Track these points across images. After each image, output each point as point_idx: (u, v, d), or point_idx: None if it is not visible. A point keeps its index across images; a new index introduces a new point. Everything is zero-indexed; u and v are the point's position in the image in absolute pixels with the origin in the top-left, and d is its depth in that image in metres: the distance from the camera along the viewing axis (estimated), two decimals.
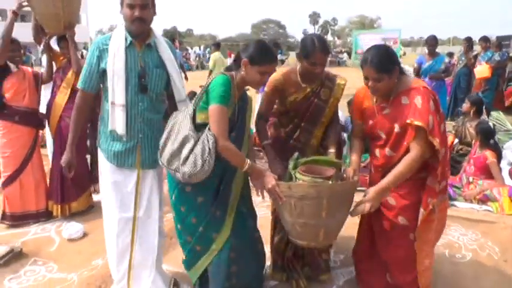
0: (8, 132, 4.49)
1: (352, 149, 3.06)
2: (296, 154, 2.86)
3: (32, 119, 4.61)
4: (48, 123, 4.79)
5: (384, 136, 2.79)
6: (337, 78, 3.08)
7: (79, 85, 2.88)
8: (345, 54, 40.35)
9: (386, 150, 2.79)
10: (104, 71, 2.78)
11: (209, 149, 2.46)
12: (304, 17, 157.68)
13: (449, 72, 9.12)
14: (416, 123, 2.54)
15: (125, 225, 2.98)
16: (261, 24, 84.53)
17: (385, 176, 2.68)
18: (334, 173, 2.70)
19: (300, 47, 2.90)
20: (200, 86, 3.11)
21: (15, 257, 3.79)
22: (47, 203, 4.72)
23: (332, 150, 3.00)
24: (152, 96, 2.86)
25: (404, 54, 42.05)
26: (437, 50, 8.36)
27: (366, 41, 35.91)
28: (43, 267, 3.72)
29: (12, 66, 4.53)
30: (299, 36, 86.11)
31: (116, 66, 2.73)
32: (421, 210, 2.70)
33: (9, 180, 4.55)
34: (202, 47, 42.98)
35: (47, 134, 4.96)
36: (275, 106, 3.14)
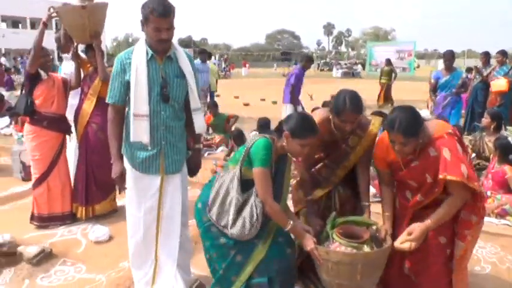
0: (37, 137, 4.68)
1: (383, 201, 3.05)
2: (333, 214, 2.97)
3: (60, 125, 4.78)
4: (75, 129, 4.94)
5: (415, 184, 2.82)
6: (370, 125, 3.11)
7: (109, 100, 3.02)
8: (359, 66, 40.34)
9: (418, 196, 2.81)
10: (128, 83, 2.93)
11: (257, 215, 2.66)
12: (318, 27, 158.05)
13: (466, 87, 9.16)
14: (450, 177, 2.56)
15: (149, 226, 3.13)
16: (275, 35, 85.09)
17: (414, 213, 2.82)
18: (369, 236, 2.80)
19: (333, 103, 2.95)
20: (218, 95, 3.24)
21: (46, 257, 3.94)
22: (72, 205, 4.87)
23: (366, 203, 3.10)
24: (174, 104, 3.02)
25: (418, 66, 42.12)
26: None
27: (381, 52, 36.13)
28: (72, 268, 3.86)
29: (42, 73, 4.70)
30: (313, 47, 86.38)
31: (138, 78, 2.88)
32: (460, 243, 2.75)
33: (38, 182, 4.73)
34: (217, 56, 43.37)
35: (68, 139, 5.10)
36: None
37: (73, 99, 5.11)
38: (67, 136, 4.95)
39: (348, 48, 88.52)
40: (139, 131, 2.93)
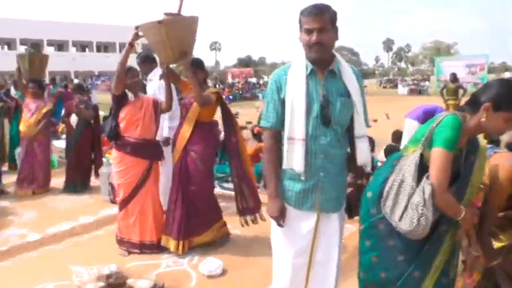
0: (121, 162, 4.42)
1: None
2: None
3: (145, 151, 4.42)
4: (172, 154, 4.55)
5: None
6: None
7: (264, 124, 2.61)
8: (427, 82, 38.65)
9: None
10: (284, 103, 2.52)
11: (424, 200, 2.13)
12: (377, 43, 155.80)
13: None
14: None
15: (299, 270, 2.63)
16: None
17: None
18: None
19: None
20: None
21: None
22: (157, 235, 4.47)
23: None
24: (336, 128, 2.51)
25: None
26: None
27: (449, 67, 34.45)
28: None
29: (130, 95, 4.40)
30: (371, 64, 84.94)
31: (295, 96, 2.46)
32: None
33: (120, 207, 4.52)
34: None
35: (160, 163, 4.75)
36: None
37: (172, 121, 4.84)
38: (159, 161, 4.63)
39: (407, 64, 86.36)
40: (292, 156, 2.47)
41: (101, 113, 8.01)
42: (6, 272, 4.22)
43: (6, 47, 49.28)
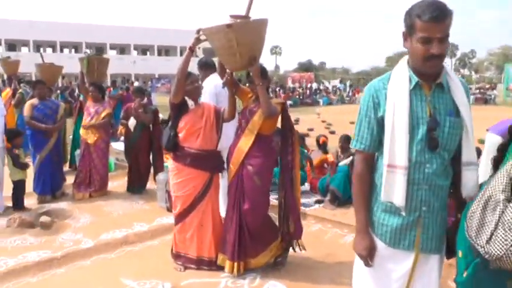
0: (179, 174, 4.10)
1: None
2: None
3: (205, 162, 4.10)
4: (227, 168, 4.21)
5: None
6: None
7: (356, 146, 2.22)
8: (494, 91, 36.45)
9: None
10: (382, 122, 2.12)
11: None
12: None
13: None
14: None
15: None
16: (396, 58, 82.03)
17: None
18: None
19: None
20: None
21: None
22: (216, 252, 4.16)
23: None
24: (443, 154, 2.08)
25: None
26: None
27: None
28: None
29: (190, 103, 4.11)
30: None
31: (397, 115, 2.05)
32: None
33: (177, 220, 4.21)
34: (338, 81, 42.46)
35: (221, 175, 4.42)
36: None
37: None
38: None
39: (471, 71, 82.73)
40: (393, 187, 2.07)
41: (161, 116, 7.87)
42: (60, 280, 4.11)
43: (73, 50, 51.42)
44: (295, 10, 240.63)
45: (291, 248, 4.21)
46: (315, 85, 39.26)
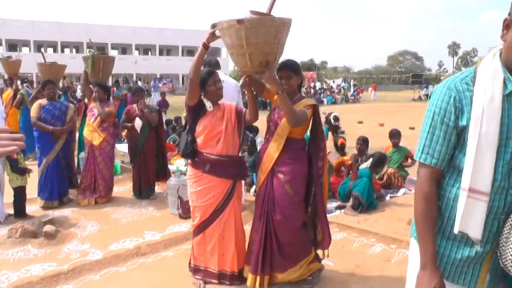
0: (198, 182, 3.70)
1: None
2: None
3: (227, 169, 3.68)
4: (256, 175, 3.84)
5: None
6: None
7: (426, 160, 1.79)
8: None
9: None
10: (462, 133, 1.72)
11: None
12: (442, 48, 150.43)
13: None
14: None
15: None
16: (397, 56, 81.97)
17: None
18: None
19: None
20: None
21: None
22: (238, 265, 3.80)
23: None
24: None
25: None
26: None
27: None
28: None
29: (208, 104, 3.69)
30: (435, 69, 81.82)
31: (485, 127, 1.63)
32: None
33: (196, 231, 3.82)
34: (341, 80, 42.04)
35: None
36: None
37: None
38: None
39: None
40: (470, 216, 1.68)
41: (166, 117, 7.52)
42: None
43: (74, 50, 51.08)
44: (296, 10, 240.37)
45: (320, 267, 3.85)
46: (318, 84, 38.81)
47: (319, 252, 3.83)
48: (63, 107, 6.44)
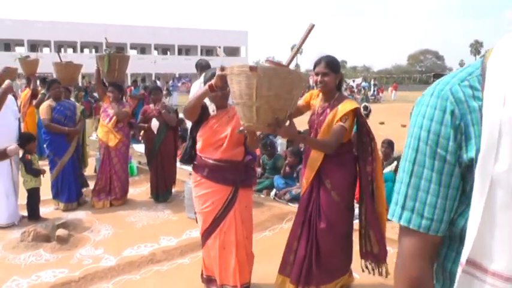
0: (198, 187, 3.47)
1: None
2: None
3: (226, 175, 3.38)
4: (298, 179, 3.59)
5: None
6: None
7: (400, 218, 1.12)
8: None
9: None
10: (469, 173, 1.05)
11: None
12: (464, 46, 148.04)
13: None
14: None
15: None
16: (418, 55, 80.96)
17: None
18: None
19: None
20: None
21: None
22: (241, 280, 3.47)
23: None
24: None
25: None
26: None
27: None
28: None
29: (212, 108, 3.42)
30: (456, 68, 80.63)
31: (506, 164, 0.95)
32: None
33: (203, 240, 3.58)
34: (361, 79, 41.48)
35: None
36: None
37: None
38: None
39: None
40: None
41: (181, 115, 7.31)
42: None
43: (94, 50, 51.48)
44: (315, 9, 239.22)
45: (365, 268, 3.56)
46: None
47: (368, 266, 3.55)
48: (72, 106, 6.28)
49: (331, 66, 3.29)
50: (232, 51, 57.06)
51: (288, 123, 2.73)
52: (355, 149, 3.50)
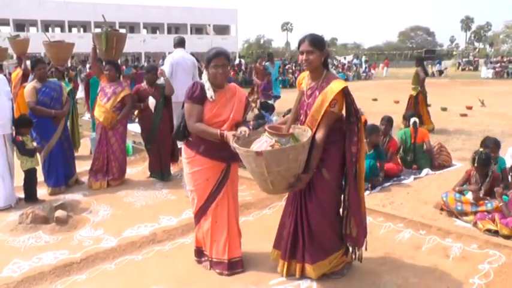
0: (191, 164, 3.52)
1: None
2: None
3: (221, 153, 3.42)
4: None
5: None
6: None
7: None
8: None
9: None
10: None
11: None
12: (455, 22, 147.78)
13: None
14: None
15: None
16: (408, 32, 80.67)
17: None
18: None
19: None
20: None
21: None
22: (229, 254, 3.61)
23: None
24: None
25: None
26: None
27: None
28: None
29: (209, 93, 3.42)
30: (447, 44, 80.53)
31: None
32: None
33: (196, 219, 3.70)
34: (352, 56, 41.32)
35: None
36: None
37: None
38: None
39: (485, 44, 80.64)
40: None
41: None
42: None
43: (82, 29, 50.63)
44: None
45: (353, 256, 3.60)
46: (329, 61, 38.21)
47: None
48: (58, 87, 6.09)
49: (315, 43, 3.21)
50: (222, 30, 56.38)
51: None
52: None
